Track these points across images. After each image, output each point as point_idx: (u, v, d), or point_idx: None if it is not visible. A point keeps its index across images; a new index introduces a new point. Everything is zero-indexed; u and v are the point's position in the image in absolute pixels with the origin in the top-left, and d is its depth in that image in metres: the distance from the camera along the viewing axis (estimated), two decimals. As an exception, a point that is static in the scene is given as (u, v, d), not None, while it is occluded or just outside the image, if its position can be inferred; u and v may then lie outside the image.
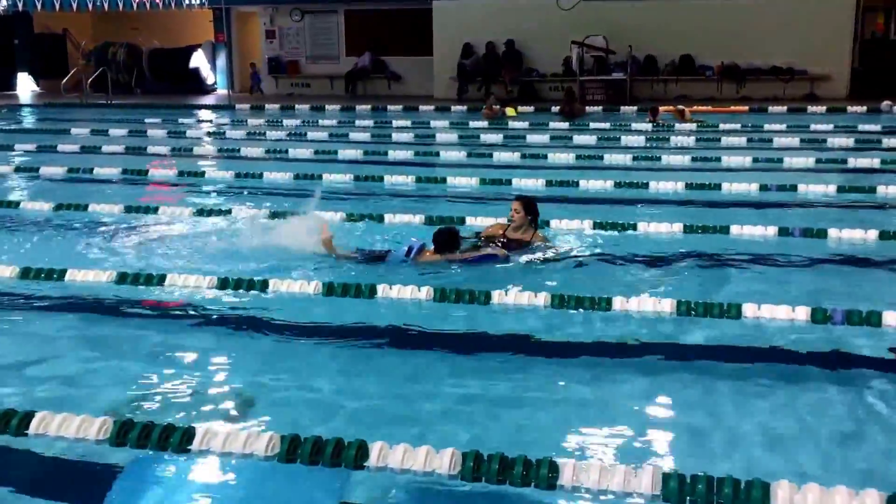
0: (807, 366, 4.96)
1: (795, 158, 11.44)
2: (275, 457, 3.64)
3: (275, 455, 3.64)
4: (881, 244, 7.20)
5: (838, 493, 3.32)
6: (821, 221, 7.77)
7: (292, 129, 16.13)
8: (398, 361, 5.11)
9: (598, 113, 17.98)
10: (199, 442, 3.69)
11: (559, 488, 3.48)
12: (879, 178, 10.01)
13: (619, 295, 5.82)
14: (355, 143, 14.14)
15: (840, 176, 10.45)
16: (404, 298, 5.91)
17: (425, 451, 3.58)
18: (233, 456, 3.67)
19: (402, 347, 5.33)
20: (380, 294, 5.95)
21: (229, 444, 3.67)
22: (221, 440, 3.68)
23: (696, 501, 3.40)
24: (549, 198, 9.57)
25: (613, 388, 4.67)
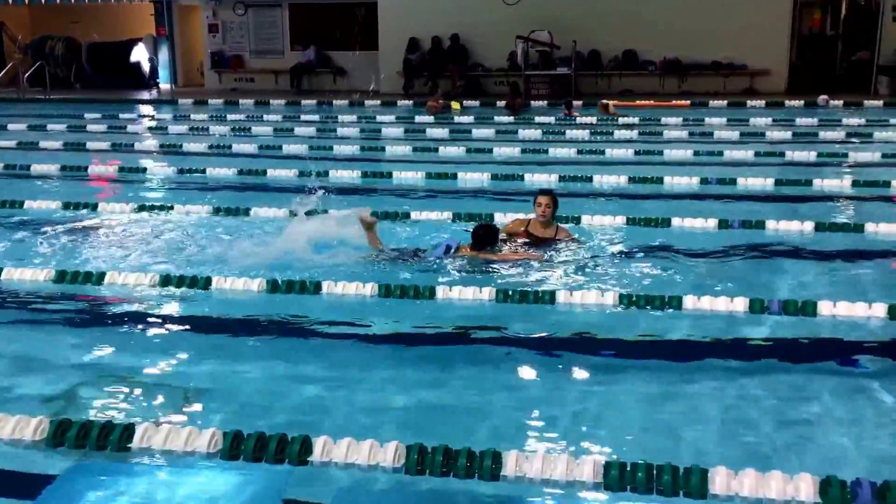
0: (745, 356, 5.07)
1: (735, 152, 11.66)
2: (218, 453, 3.61)
3: (218, 451, 3.61)
4: (817, 236, 7.38)
5: (773, 479, 3.41)
6: (759, 214, 7.93)
7: (236, 124, 15.94)
8: (343, 356, 5.09)
9: (544, 107, 18.11)
10: (139, 440, 3.64)
11: (503, 479, 3.51)
12: (816, 171, 10.26)
13: (563, 289, 5.90)
14: (300, 138, 14.02)
15: (778, 169, 10.68)
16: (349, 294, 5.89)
17: (369, 445, 3.58)
18: (174, 453, 3.63)
19: (344, 341, 5.31)
20: (325, 289, 5.92)
21: (171, 441, 3.63)
22: (162, 437, 3.63)
23: (637, 488, 3.46)
24: (494, 192, 9.67)
25: (559, 380, 4.73)
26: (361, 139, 13.98)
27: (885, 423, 4.18)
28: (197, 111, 18.36)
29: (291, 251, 6.75)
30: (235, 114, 17.42)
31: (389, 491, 3.60)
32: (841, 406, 4.31)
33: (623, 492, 3.46)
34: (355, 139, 13.97)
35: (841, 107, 16.72)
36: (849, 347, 5.07)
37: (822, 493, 3.34)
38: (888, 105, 16.82)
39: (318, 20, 22.83)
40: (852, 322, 5.35)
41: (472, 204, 8.79)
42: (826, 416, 4.23)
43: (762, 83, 19.55)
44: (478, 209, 8.26)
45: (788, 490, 3.37)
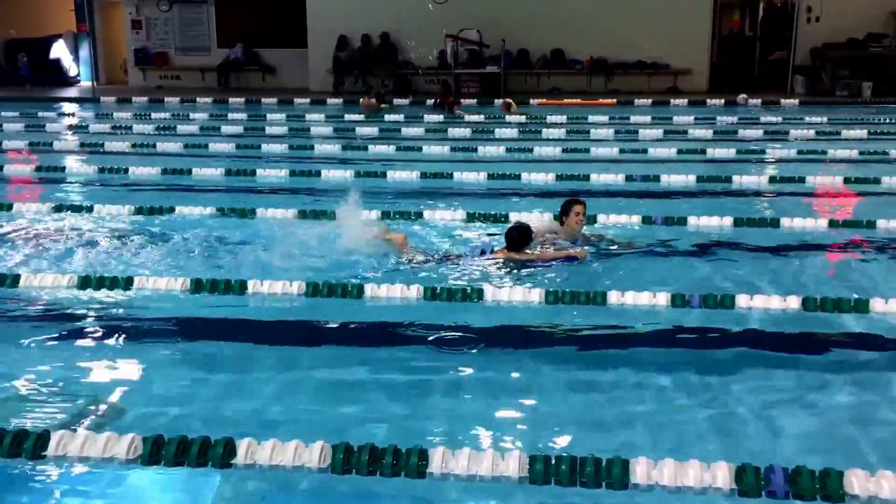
0: (667, 349, 5.19)
1: (659, 149, 11.89)
2: (137, 459, 3.54)
3: (137, 457, 3.54)
4: (736, 230, 7.58)
5: (692, 467, 3.49)
6: (681, 209, 8.11)
7: (161, 122, 15.62)
8: (261, 356, 5.04)
9: (473, 105, 18.19)
10: (54, 447, 3.54)
11: (429, 476, 3.53)
12: (735, 167, 10.54)
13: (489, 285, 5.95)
14: (228, 136, 13.82)
15: (700, 166, 10.93)
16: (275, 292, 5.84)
17: (294, 446, 3.55)
18: (92, 460, 3.55)
19: (272, 343, 5.27)
20: (250, 288, 5.85)
21: (88, 448, 3.54)
22: (79, 444, 3.54)
23: (561, 481, 3.51)
24: (424, 190, 9.69)
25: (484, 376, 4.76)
26: (290, 138, 13.84)
27: (797, 410, 4.32)
28: (120, 109, 17.93)
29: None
30: (160, 112, 17.06)
31: (315, 492, 3.58)
32: (755, 396, 4.45)
33: (547, 485, 3.51)
34: (284, 138, 13.84)
35: (759, 105, 17.21)
36: (765, 339, 5.22)
37: (738, 479, 3.44)
38: (804, 104, 17.40)
39: (245, 17, 22.49)
40: (768, 314, 5.51)
41: (401, 203, 8.79)
42: (742, 404, 4.36)
43: (685, 82, 20.00)
44: (407, 208, 8.26)
45: (706, 478, 3.46)
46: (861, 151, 11.56)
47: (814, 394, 4.52)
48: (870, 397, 4.48)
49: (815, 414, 4.30)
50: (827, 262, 7.00)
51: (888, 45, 18.96)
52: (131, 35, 23.23)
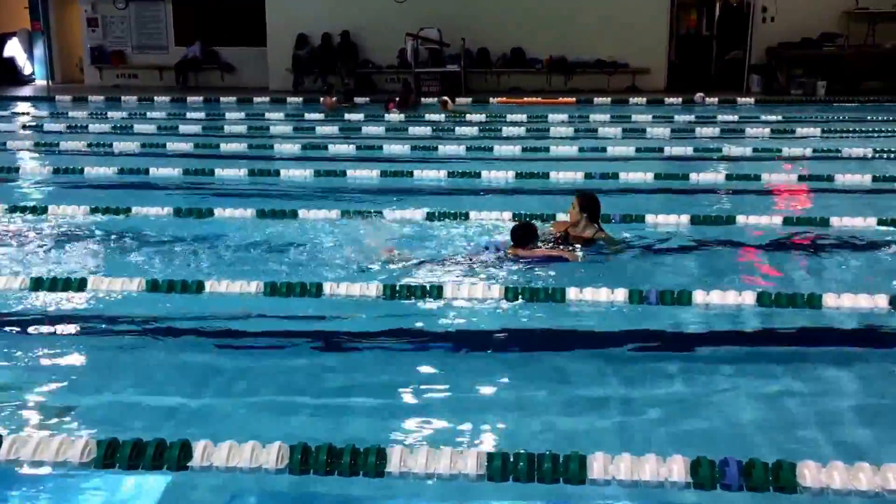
0: (624, 345, 5.24)
1: (618, 147, 11.99)
2: (91, 463, 3.49)
3: (91, 461, 3.49)
4: (692, 228, 7.66)
5: (648, 461, 3.53)
6: (639, 207, 8.18)
7: (118, 121, 15.40)
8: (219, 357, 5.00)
9: (435, 104, 18.19)
10: (6, 451, 3.48)
11: (387, 475, 3.53)
12: (693, 165, 10.66)
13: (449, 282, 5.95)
14: (186, 136, 13.67)
15: (658, 164, 11.05)
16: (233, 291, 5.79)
17: (251, 447, 3.53)
18: (45, 464, 3.49)
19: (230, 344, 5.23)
20: (208, 288, 5.80)
21: (40, 451, 3.48)
22: (32, 448, 3.49)
23: (519, 478, 3.52)
24: (384, 189, 9.67)
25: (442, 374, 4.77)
26: (249, 137, 13.73)
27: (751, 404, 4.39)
28: (76, 108, 17.65)
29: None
30: (117, 111, 16.83)
31: (273, 492, 3.56)
32: (710, 390, 4.52)
33: (506, 482, 3.52)
34: (243, 137, 13.72)
35: (716, 104, 17.43)
36: (720, 334, 5.30)
37: (693, 473, 3.49)
38: (759, 102, 17.64)
39: (203, 15, 22.26)
40: (724, 310, 5.59)
41: (361, 202, 8.77)
42: (697, 399, 4.42)
43: (643, 81, 20.18)
44: (367, 207, 8.24)
45: (662, 472, 3.50)
46: (815, 149, 11.76)
47: (768, 388, 4.59)
48: (822, 391, 4.57)
49: (768, 407, 4.36)
50: (781, 259, 7.10)
51: (841, 45, 19.30)
52: (87, 33, 22.86)
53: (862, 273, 6.50)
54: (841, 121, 14.96)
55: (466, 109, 15.99)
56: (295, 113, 16.56)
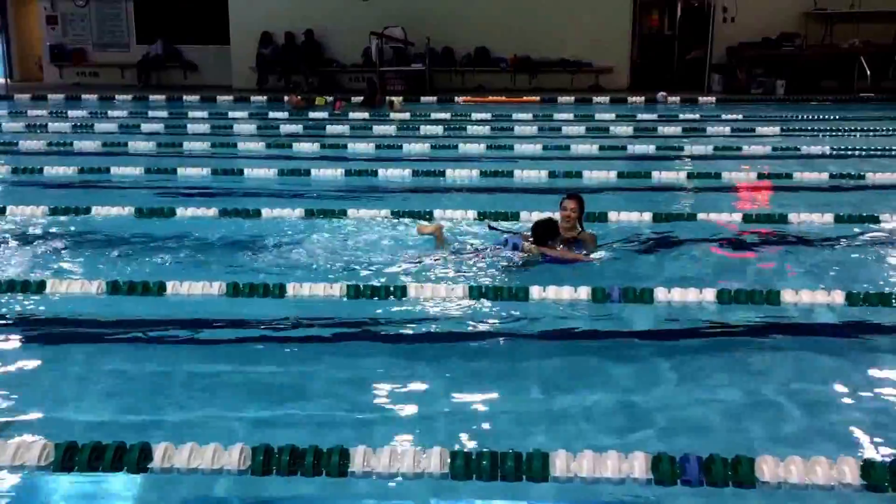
0: (587, 342, 5.28)
1: (581, 146, 12.07)
2: (49, 466, 3.44)
3: (49, 464, 3.44)
4: (654, 226, 7.74)
5: (610, 458, 3.56)
6: (602, 205, 8.23)
7: (78, 120, 15.18)
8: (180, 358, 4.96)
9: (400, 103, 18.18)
10: (-39, 457, 3.43)
11: (350, 475, 3.52)
12: (655, 163, 10.77)
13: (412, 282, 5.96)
14: (148, 134, 13.52)
15: (620, 162, 11.14)
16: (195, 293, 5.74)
17: (213, 449, 3.50)
18: (2, 468, 3.43)
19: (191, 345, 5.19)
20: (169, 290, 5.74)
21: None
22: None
23: (483, 476, 3.54)
24: (348, 188, 9.65)
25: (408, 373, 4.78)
26: (212, 136, 13.62)
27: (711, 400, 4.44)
28: (35, 107, 17.37)
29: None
30: (77, 110, 16.59)
31: (236, 495, 3.54)
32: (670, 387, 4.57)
33: (469, 480, 3.53)
34: (206, 136, 13.61)
35: (678, 103, 17.61)
36: (681, 331, 5.36)
37: (654, 468, 3.52)
38: (720, 101, 17.87)
39: (165, 12, 22.03)
40: (685, 306, 5.65)
41: (325, 201, 8.74)
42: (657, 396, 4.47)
43: (607, 80, 20.34)
44: (331, 206, 8.21)
45: (624, 468, 3.53)
46: (774, 147, 11.93)
47: (728, 384, 4.65)
48: (780, 386, 4.63)
49: (729, 403, 4.42)
50: (741, 255, 7.20)
51: (800, 45, 19.60)
52: (46, 31, 22.53)
53: (819, 269, 6.61)
54: (799, 119, 15.20)
55: (411, 109, 16.05)
56: (259, 112, 16.46)
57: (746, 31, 19.72)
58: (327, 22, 20.69)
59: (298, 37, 20.81)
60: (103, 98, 18.53)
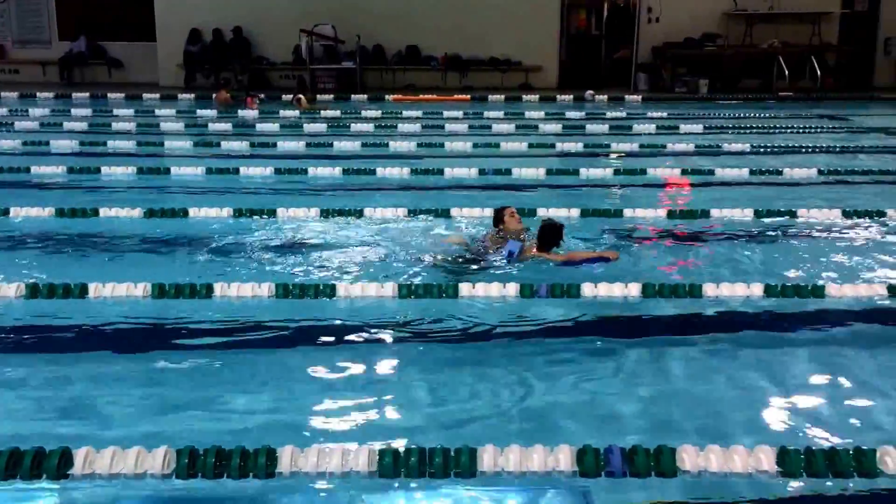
0: (513, 339, 5.33)
1: (511, 144, 12.18)
2: (-37, 476, 3.35)
3: (-37, 474, 3.35)
4: (582, 221, 7.85)
5: (536, 452, 3.61)
6: (531, 202, 8.33)
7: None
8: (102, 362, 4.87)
9: (330, 101, 18.09)
10: None
11: (278, 476, 3.50)
12: (583, 161, 10.93)
13: (342, 282, 5.94)
14: (71, 133, 13.17)
15: (549, 159, 11.28)
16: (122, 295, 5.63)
17: (136, 453, 3.44)
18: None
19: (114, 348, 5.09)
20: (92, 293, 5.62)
21: None
22: None
23: (411, 473, 3.55)
24: (278, 187, 9.57)
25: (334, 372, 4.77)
26: (138, 134, 13.34)
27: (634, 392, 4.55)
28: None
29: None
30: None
31: (160, 499, 3.49)
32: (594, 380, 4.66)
33: (398, 478, 3.55)
34: (131, 134, 13.32)
35: (605, 101, 17.90)
36: (604, 325, 5.46)
37: (579, 461, 3.58)
38: (646, 100, 18.23)
39: (88, 8, 21.46)
40: (610, 301, 5.75)
41: (253, 199, 8.65)
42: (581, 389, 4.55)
43: (536, 79, 20.54)
44: (259, 205, 8.13)
45: (549, 462, 3.59)
46: (697, 145, 12.22)
47: (649, 377, 4.76)
48: (699, 379, 4.76)
49: (650, 396, 4.52)
50: (665, 250, 7.36)
51: (721, 45, 20.11)
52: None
53: (740, 262, 6.79)
54: (721, 118, 15.60)
55: (316, 106, 16.02)
56: (186, 109, 16.17)
57: (670, 32, 20.15)
58: (256, 19, 20.43)
59: (227, 34, 20.51)
60: (24, 96, 18.00)
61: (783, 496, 3.56)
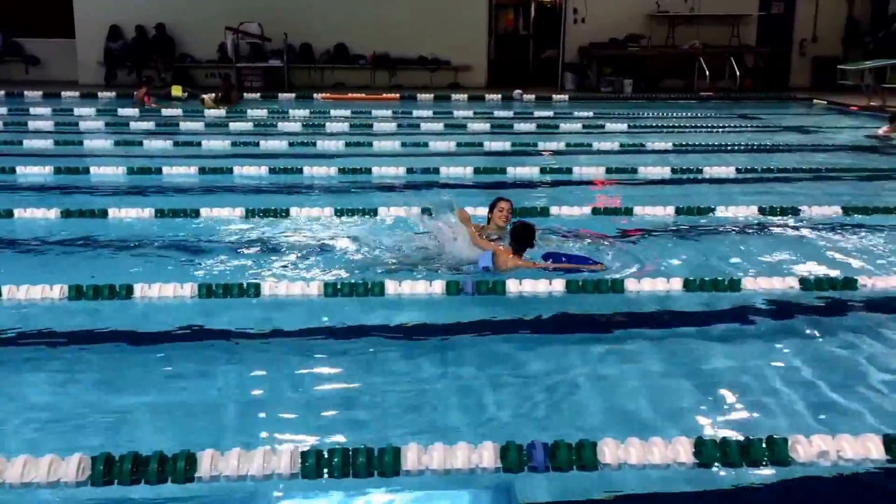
0: (438, 335, 5.34)
1: (439, 143, 12.20)
2: None
3: None
4: (509, 219, 7.92)
5: (460, 450, 3.62)
6: (459, 201, 8.33)
7: None
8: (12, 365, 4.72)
9: (257, 99, 17.88)
10: None
11: (198, 480, 3.44)
12: (510, 159, 11.02)
13: (265, 281, 5.87)
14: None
15: (478, 158, 11.34)
16: (34, 300, 5.46)
17: (49, 461, 3.34)
18: None
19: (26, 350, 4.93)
20: (5, 294, 5.43)
21: None
22: None
23: (334, 474, 3.53)
24: (202, 186, 9.41)
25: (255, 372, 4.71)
26: (56, 133, 12.97)
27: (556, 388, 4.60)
28: None
29: None
30: None
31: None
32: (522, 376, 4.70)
33: (321, 479, 3.52)
34: (49, 133, 12.94)
35: (533, 101, 18.08)
36: (530, 322, 5.51)
37: (503, 457, 3.61)
38: (573, 99, 18.49)
39: (3, 3, 20.73)
40: (536, 297, 5.81)
41: (177, 199, 8.49)
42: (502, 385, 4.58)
43: (465, 78, 20.64)
44: (182, 205, 7.98)
45: (473, 459, 3.60)
46: (622, 143, 12.44)
47: (570, 372, 4.82)
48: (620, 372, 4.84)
49: (572, 391, 4.58)
50: (590, 247, 7.46)
51: (645, 46, 20.52)
52: None
53: (663, 258, 6.93)
54: (645, 117, 15.91)
55: (225, 105, 15.93)
56: (107, 108, 15.78)
57: (596, 32, 20.48)
58: (180, 16, 20.04)
59: (150, 31, 20.06)
60: (-66, 94, 17.35)
61: (700, 486, 3.65)
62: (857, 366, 4.89)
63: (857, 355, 5.03)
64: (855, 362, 4.94)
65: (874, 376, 4.76)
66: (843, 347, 5.16)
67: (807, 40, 21.43)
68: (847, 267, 6.61)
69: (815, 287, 5.96)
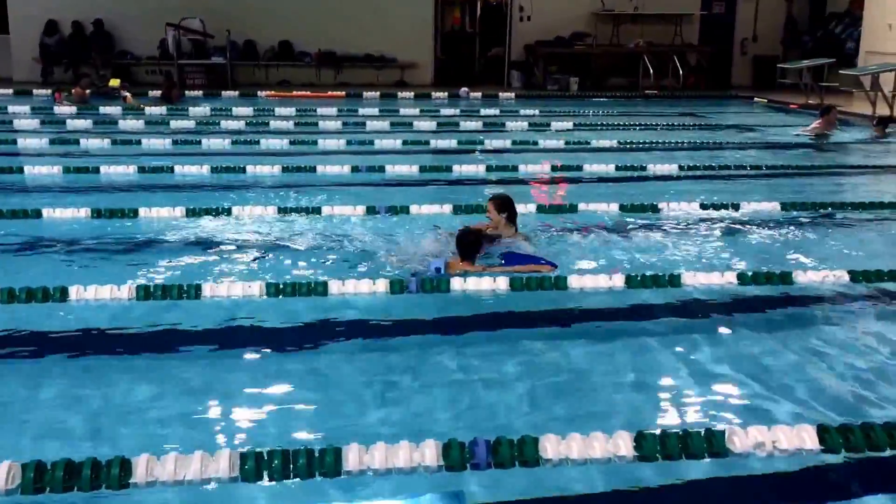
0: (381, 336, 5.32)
1: (385, 141, 12.15)
2: None
3: None
4: (454, 218, 7.90)
5: (401, 449, 3.59)
6: (404, 199, 8.33)
7: None
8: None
9: (200, 97, 17.60)
10: None
11: (133, 486, 3.36)
12: (456, 157, 11.02)
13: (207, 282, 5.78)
14: None
15: (423, 156, 11.31)
16: None
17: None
18: None
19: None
20: None
21: None
22: None
23: (274, 476, 3.48)
24: (142, 185, 9.24)
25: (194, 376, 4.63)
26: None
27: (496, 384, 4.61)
28: None
29: None
30: None
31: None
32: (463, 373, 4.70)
33: (260, 481, 3.46)
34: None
35: (480, 98, 18.12)
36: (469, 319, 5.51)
37: (445, 455, 3.59)
38: (519, 97, 18.57)
39: (-68, -3, 20.11)
40: (479, 294, 5.81)
41: (114, 199, 8.31)
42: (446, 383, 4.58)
43: (411, 76, 20.59)
44: (121, 205, 7.81)
45: (415, 457, 3.57)
46: (567, 141, 12.52)
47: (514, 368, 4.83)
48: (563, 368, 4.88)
49: (514, 387, 4.59)
50: (535, 244, 7.50)
51: (591, 44, 20.70)
52: None
53: (605, 254, 6.99)
54: (590, 115, 16.05)
55: (140, 102, 15.72)
56: (42, 106, 15.38)
57: (542, 30, 20.60)
58: (119, 11, 19.64)
59: (87, 26, 19.62)
60: None
61: (641, 479, 3.68)
62: (794, 358, 4.99)
63: (792, 348, 5.14)
64: (791, 355, 5.04)
65: (810, 369, 4.87)
66: (779, 341, 5.26)
67: (748, 40, 21.84)
68: (783, 261, 6.75)
69: (752, 281, 6.06)
